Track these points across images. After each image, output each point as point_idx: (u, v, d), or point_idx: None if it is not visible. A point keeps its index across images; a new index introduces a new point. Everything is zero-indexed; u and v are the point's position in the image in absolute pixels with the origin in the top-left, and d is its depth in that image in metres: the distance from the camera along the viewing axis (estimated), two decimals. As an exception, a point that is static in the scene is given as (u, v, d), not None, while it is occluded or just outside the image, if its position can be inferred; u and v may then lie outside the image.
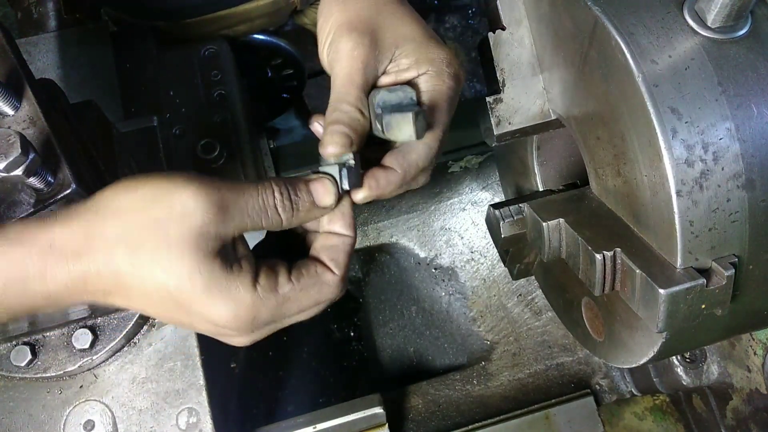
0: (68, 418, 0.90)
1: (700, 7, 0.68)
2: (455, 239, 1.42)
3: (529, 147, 1.00)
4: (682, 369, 1.08)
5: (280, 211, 0.66)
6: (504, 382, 1.28)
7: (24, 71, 0.78)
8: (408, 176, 0.72)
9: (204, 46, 1.29)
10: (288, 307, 0.67)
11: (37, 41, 1.21)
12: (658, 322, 0.67)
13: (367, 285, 1.58)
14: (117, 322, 0.92)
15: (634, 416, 1.22)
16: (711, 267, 0.67)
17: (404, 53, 0.74)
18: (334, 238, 0.71)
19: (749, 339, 0.97)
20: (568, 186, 0.98)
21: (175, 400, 0.92)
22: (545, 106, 0.88)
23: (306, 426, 1.11)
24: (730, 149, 0.65)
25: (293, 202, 0.67)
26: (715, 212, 0.66)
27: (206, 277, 0.62)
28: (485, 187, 1.42)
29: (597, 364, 1.28)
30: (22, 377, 0.89)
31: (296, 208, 0.68)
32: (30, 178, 0.69)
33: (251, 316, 0.64)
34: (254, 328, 0.66)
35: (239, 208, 0.64)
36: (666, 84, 0.66)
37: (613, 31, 0.68)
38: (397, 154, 0.71)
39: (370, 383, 1.57)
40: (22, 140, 0.66)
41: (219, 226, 0.62)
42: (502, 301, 1.37)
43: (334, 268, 0.69)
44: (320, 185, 0.69)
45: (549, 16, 0.81)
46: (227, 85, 1.25)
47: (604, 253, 0.73)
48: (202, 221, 0.62)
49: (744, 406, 1.02)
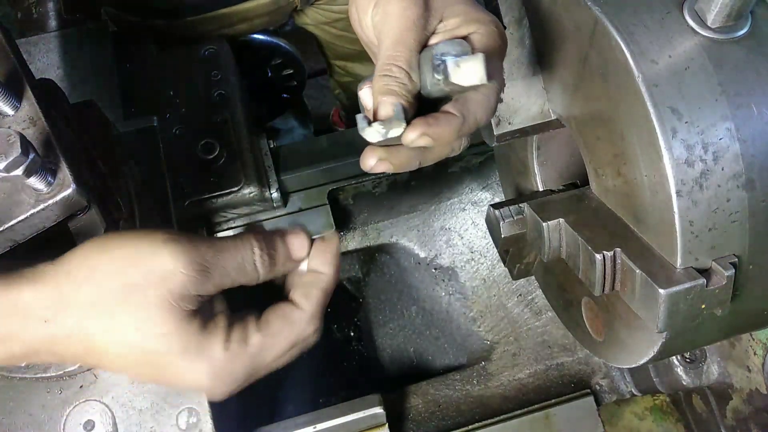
0: (68, 418, 0.90)
1: (700, 7, 0.68)
2: (455, 239, 1.42)
3: (529, 147, 1.00)
4: (682, 369, 1.08)
5: (258, 266, 0.66)
6: (504, 382, 1.28)
7: (24, 71, 0.78)
8: (468, 123, 0.66)
9: (204, 46, 1.29)
10: (262, 357, 0.66)
11: (37, 41, 1.21)
12: (658, 322, 0.67)
13: (367, 285, 1.58)
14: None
15: (634, 416, 1.22)
16: (711, 267, 0.67)
17: (453, 13, 0.70)
18: (309, 275, 0.70)
19: (749, 339, 0.97)
20: (568, 186, 0.98)
21: (175, 400, 0.92)
22: (545, 106, 0.88)
23: (306, 426, 1.11)
24: (730, 149, 0.65)
25: (271, 257, 0.67)
26: (715, 212, 0.66)
27: (184, 339, 0.61)
28: (485, 187, 1.41)
29: (597, 364, 1.28)
30: (22, 377, 0.89)
31: (273, 262, 0.67)
32: (30, 178, 0.69)
33: (227, 375, 0.64)
34: (231, 384, 0.65)
35: (219, 268, 0.63)
36: (666, 84, 0.66)
37: (613, 31, 0.68)
38: (455, 103, 0.66)
39: (370, 383, 1.57)
40: (22, 140, 0.65)
41: (199, 287, 0.62)
42: (502, 301, 1.37)
43: (304, 305, 0.68)
44: (296, 239, 0.69)
45: (549, 16, 0.81)
46: (227, 85, 1.25)
47: (604, 253, 0.73)
48: (182, 284, 0.60)
49: (744, 406, 1.02)
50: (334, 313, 1.67)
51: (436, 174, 1.39)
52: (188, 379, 0.63)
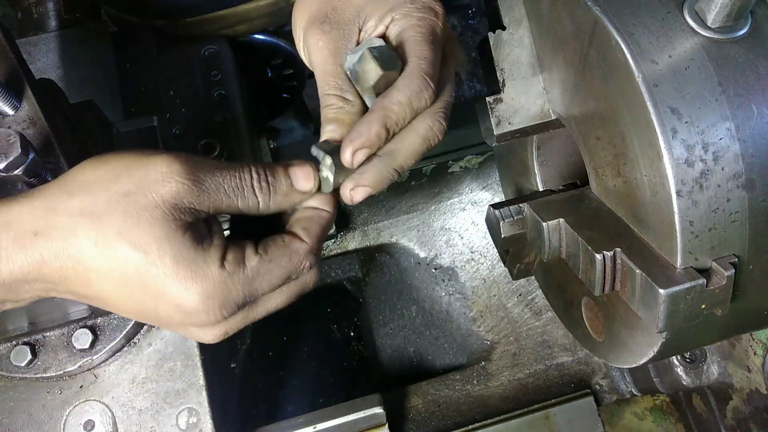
0: (68, 418, 0.90)
1: (700, 7, 0.68)
2: (455, 239, 1.42)
3: (529, 147, 1.00)
4: (682, 369, 1.08)
5: (256, 191, 0.64)
6: (504, 382, 1.28)
7: (24, 71, 0.78)
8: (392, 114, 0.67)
9: (204, 46, 1.29)
10: (259, 282, 0.63)
11: (37, 41, 1.21)
12: (658, 322, 0.67)
13: (367, 285, 1.58)
14: (117, 322, 0.92)
15: (634, 416, 1.22)
16: (711, 267, 0.67)
17: (367, 17, 0.72)
18: (309, 211, 0.69)
19: (749, 339, 0.97)
20: (568, 186, 0.98)
21: (175, 400, 0.92)
22: (545, 106, 0.88)
23: (306, 426, 1.11)
24: (730, 149, 0.65)
25: (270, 184, 0.65)
26: (715, 212, 0.66)
27: (175, 249, 0.58)
28: (485, 187, 1.41)
29: (597, 364, 1.28)
30: (22, 377, 0.89)
31: (273, 190, 0.66)
32: (30, 178, 0.69)
33: (221, 296, 0.61)
34: (224, 310, 0.61)
35: (215, 183, 0.61)
36: (666, 84, 0.66)
37: (613, 31, 0.68)
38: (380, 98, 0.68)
39: (370, 383, 1.57)
40: (22, 140, 0.66)
41: (193, 198, 0.60)
42: (502, 301, 1.37)
43: (304, 237, 0.66)
44: (300, 170, 0.67)
45: (549, 16, 0.81)
46: (227, 85, 1.25)
47: (604, 253, 0.73)
48: (175, 190, 0.59)
49: (744, 406, 1.02)
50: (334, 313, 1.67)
51: (436, 174, 1.39)
52: (178, 299, 0.59)
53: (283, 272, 0.65)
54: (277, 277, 0.65)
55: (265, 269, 0.64)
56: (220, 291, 0.61)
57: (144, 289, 0.59)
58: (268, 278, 0.64)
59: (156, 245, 0.58)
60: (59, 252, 0.58)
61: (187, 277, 0.59)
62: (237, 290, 0.62)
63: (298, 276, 0.67)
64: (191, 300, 0.60)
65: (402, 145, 0.70)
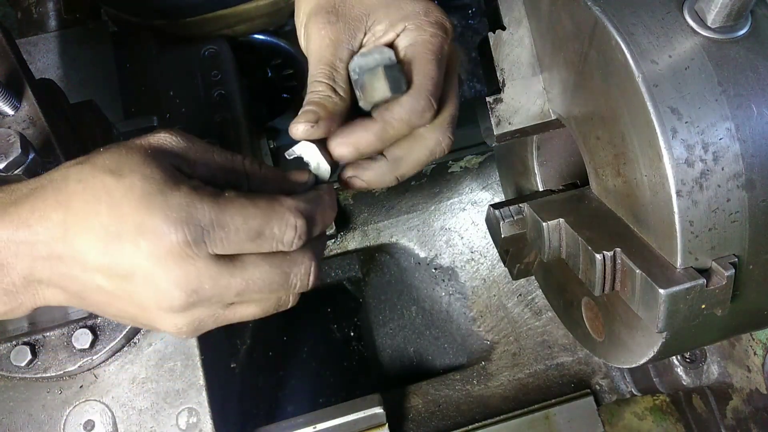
0: (68, 418, 0.90)
1: (700, 7, 0.68)
2: (455, 239, 1.42)
3: (529, 147, 1.00)
4: (682, 369, 1.08)
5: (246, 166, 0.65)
6: (504, 382, 1.28)
7: (24, 71, 0.78)
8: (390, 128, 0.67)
9: (204, 46, 1.29)
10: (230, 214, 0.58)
11: (37, 41, 1.21)
12: (658, 322, 0.67)
13: (367, 285, 1.58)
14: (117, 323, 0.92)
15: (634, 416, 1.22)
16: (711, 267, 0.67)
17: (377, 20, 0.71)
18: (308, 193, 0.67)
19: (749, 339, 0.97)
20: (568, 186, 0.98)
21: (175, 400, 0.92)
22: (545, 106, 0.88)
23: (306, 426, 1.11)
24: (730, 149, 0.65)
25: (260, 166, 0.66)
26: (715, 212, 0.66)
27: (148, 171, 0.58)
28: (485, 187, 1.41)
29: (597, 364, 1.28)
30: (22, 377, 0.89)
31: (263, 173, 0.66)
32: (30, 178, 0.69)
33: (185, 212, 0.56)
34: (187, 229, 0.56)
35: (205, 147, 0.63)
36: (666, 84, 0.66)
37: (613, 31, 0.68)
38: (380, 109, 0.68)
39: (370, 383, 1.57)
40: (22, 140, 0.66)
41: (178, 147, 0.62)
42: (502, 301, 1.37)
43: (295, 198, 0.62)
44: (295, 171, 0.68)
45: (549, 16, 0.81)
46: (227, 85, 1.25)
47: (604, 253, 0.73)
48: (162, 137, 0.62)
49: (744, 406, 1.02)
50: (334, 313, 1.67)
51: (436, 174, 1.39)
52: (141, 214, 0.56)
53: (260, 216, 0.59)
54: (252, 216, 0.59)
55: (240, 203, 0.59)
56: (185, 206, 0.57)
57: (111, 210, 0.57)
58: (242, 213, 0.58)
59: (128, 168, 0.58)
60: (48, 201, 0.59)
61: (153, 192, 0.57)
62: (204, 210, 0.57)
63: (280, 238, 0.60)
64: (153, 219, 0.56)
65: (409, 156, 0.72)
